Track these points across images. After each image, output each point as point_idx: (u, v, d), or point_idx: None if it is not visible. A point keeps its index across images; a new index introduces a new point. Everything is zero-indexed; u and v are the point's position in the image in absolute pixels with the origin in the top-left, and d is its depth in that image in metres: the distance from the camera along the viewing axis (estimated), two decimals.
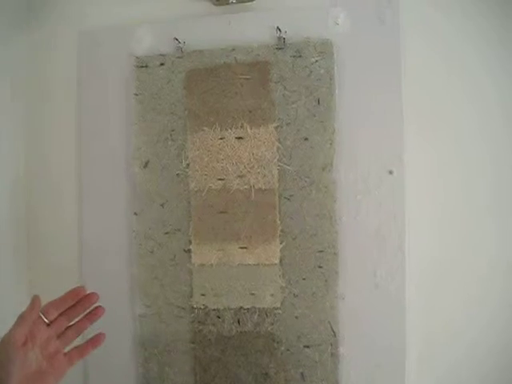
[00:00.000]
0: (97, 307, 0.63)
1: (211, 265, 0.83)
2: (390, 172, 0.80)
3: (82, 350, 0.62)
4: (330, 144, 0.81)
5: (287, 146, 0.82)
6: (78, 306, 0.61)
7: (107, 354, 0.85)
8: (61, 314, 0.60)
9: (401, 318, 0.81)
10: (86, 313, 0.62)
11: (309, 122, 0.81)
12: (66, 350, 0.61)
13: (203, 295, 0.84)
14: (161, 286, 0.85)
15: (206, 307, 0.84)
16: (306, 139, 0.81)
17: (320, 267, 0.81)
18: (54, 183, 0.90)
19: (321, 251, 0.81)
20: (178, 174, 0.84)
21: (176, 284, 0.85)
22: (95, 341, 0.63)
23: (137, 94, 0.86)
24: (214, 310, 0.83)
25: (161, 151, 0.85)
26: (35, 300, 0.56)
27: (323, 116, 0.81)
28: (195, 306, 0.84)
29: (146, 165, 0.85)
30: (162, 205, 0.85)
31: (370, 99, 0.80)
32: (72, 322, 0.61)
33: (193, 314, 0.84)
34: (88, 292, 0.62)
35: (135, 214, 0.86)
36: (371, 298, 0.81)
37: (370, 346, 0.82)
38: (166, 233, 0.85)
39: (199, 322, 0.84)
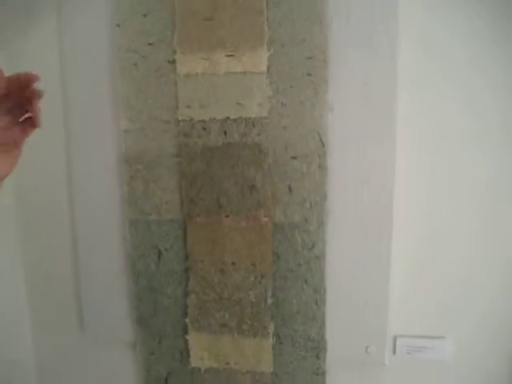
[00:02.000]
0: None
1: (197, 74, 0.83)
2: None
3: (32, 120, 0.61)
4: None
5: None
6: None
7: (91, 172, 0.86)
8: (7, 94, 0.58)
9: (391, 130, 0.81)
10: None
11: None
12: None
13: (189, 107, 0.84)
14: (145, 99, 0.85)
15: (192, 119, 0.84)
16: None
17: (309, 75, 0.80)
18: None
19: (310, 58, 0.80)
20: None
21: (161, 97, 0.85)
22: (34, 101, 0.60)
23: None
24: (199, 121, 0.84)
25: None
26: None
27: None
28: (180, 119, 0.84)
29: None
30: (145, 15, 0.84)
31: None
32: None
33: (178, 127, 0.85)
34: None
35: (118, 25, 0.84)
36: (361, 110, 0.81)
37: (359, 160, 0.82)
38: (150, 44, 0.84)
39: (185, 134, 0.84)
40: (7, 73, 0.55)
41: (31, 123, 0.62)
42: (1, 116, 0.60)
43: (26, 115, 0.61)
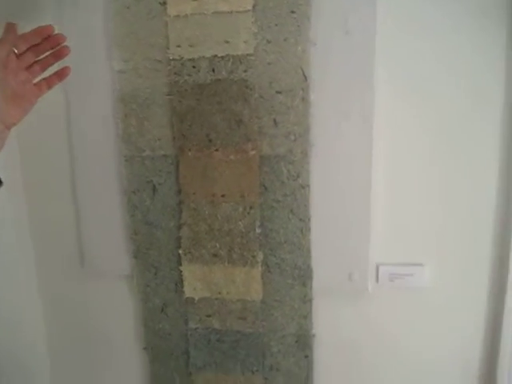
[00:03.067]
0: (63, 47, 0.70)
1: (186, 15, 0.89)
2: None
3: (49, 81, 0.71)
4: None
5: None
6: (45, 44, 0.68)
7: (88, 112, 0.93)
8: (29, 49, 0.67)
9: (370, 65, 0.87)
10: (52, 51, 0.70)
11: None
12: (35, 82, 0.69)
13: (179, 46, 0.90)
14: (137, 40, 0.92)
15: (182, 58, 0.90)
16: None
17: (292, 12, 0.86)
18: None
19: None
20: None
21: (152, 37, 0.91)
22: (61, 73, 0.72)
23: None
24: (189, 60, 0.90)
25: None
26: (11, 25, 0.63)
27: None
28: (171, 58, 0.91)
29: None
30: None
31: None
32: (39, 58, 0.70)
33: (169, 66, 0.91)
34: (56, 32, 0.68)
35: None
36: (342, 45, 0.87)
37: (340, 93, 0.88)
38: None
39: (175, 73, 0.91)
40: None
41: (46, 83, 0.71)
42: (20, 70, 0.68)
43: (41, 77, 0.69)
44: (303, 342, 0.97)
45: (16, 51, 0.66)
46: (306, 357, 0.98)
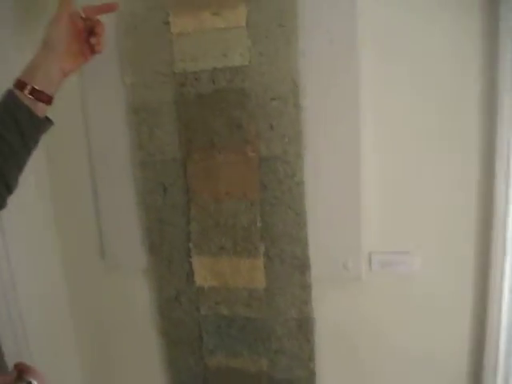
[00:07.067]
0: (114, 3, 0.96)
1: (188, 33, 1.07)
2: None
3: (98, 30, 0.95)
4: None
5: None
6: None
7: (105, 123, 1.13)
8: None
9: (355, 67, 1.03)
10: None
11: None
12: None
13: (182, 61, 1.08)
14: (146, 56, 1.10)
15: (186, 71, 1.08)
16: None
17: (282, 26, 1.04)
18: None
19: (281, 11, 1.03)
20: None
21: (159, 53, 1.10)
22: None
23: None
24: (192, 72, 1.08)
25: None
26: None
27: None
28: (176, 72, 1.09)
29: None
30: None
31: None
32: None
33: (175, 79, 1.09)
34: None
35: None
36: (328, 54, 1.04)
37: (329, 97, 1.05)
38: (149, 9, 1.09)
39: (180, 85, 1.09)
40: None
41: (98, 45, 0.95)
42: (83, 30, 0.94)
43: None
44: (305, 326, 1.14)
45: (83, 15, 0.91)
46: (308, 340, 1.14)
